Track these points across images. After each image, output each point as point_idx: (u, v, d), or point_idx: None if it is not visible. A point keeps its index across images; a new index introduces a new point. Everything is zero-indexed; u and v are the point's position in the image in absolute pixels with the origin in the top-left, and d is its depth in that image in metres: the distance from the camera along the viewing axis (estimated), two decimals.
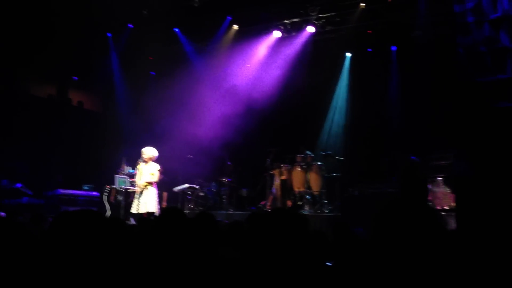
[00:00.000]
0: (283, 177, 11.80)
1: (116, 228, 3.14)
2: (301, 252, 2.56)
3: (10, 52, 12.36)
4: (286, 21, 13.07)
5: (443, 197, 8.58)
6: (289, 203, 11.54)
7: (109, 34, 14.22)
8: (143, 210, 9.71)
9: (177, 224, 3.12)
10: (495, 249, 3.00)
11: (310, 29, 12.73)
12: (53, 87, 14.85)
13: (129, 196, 11.28)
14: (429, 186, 8.85)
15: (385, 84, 12.81)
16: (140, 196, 9.87)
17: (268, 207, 11.67)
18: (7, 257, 2.26)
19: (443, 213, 8.55)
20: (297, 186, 11.64)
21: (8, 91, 12.86)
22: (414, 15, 11.44)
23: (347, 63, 13.68)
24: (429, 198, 8.80)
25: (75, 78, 15.06)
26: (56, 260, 2.45)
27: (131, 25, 13.80)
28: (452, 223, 8.25)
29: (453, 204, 8.44)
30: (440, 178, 8.73)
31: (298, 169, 11.72)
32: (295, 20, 12.96)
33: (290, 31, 13.18)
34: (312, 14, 12.44)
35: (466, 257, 2.66)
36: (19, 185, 11.40)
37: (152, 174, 9.93)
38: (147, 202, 9.80)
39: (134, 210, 9.96)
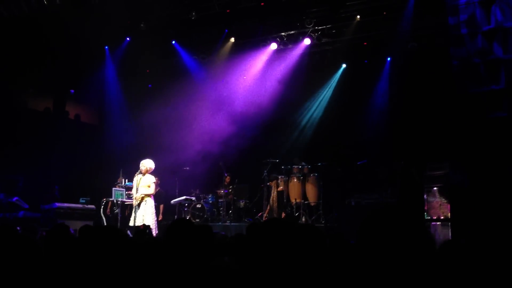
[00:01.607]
0: (280, 189, 11.83)
1: (118, 240, 3.17)
2: (298, 261, 2.58)
3: (7, 65, 12.39)
4: (282, 34, 13.17)
5: (438, 207, 8.61)
6: (283, 214, 11.54)
7: (106, 47, 14.28)
8: (139, 222, 9.68)
9: (185, 236, 3.14)
10: (490, 258, 3.02)
11: (307, 41, 12.82)
12: (50, 100, 14.88)
13: (126, 209, 11.27)
14: (425, 196, 8.88)
15: (381, 95, 12.89)
16: (137, 209, 9.86)
17: (264, 218, 11.67)
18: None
19: (438, 223, 8.58)
20: (294, 197, 11.66)
21: (5, 105, 12.88)
22: (409, 27, 11.55)
23: (341, 74, 13.74)
24: (425, 207, 8.83)
25: (72, 91, 15.09)
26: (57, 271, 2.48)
27: (129, 38, 13.87)
28: (447, 233, 8.28)
29: (448, 214, 8.47)
30: (436, 188, 8.76)
31: (295, 180, 11.75)
32: (292, 32, 13.06)
33: (287, 44, 13.27)
34: (308, 26, 12.55)
35: (458, 267, 2.68)
36: (15, 198, 11.36)
37: (149, 186, 9.92)
38: (143, 215, 9.79)
39: (131, 223, 9.94)
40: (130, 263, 2.87)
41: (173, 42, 14.12)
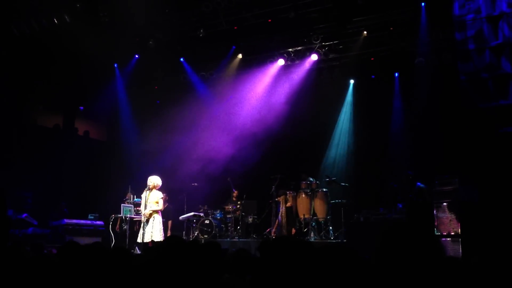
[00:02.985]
0: (289, 204, 11.79)
1: (121, 259, 3.16)
2: (310, 279, 2.57)
3: (17, 82, 12.53)
4: (289, 50, 13.25)
5: (448, 222, 8.53)
6: (293, 230, 11.50)
7: (115, 64, 14.42)
8: (148, 239, 9.68)
9: (178, 253, 3.13)
10: (500, 274, 2.99)
11: (314, 57, 12.88)
12: (59, 117, 15.00)
13: (134, 225, 11.26)
14: (434, 212, 8.80)
15: (388, 110, 12.87)
16: (145, 225, 9.85)
17: (273, 234, 11.62)
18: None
19: (448, 238, 8.49)
20: (303, 212, 11.61)
21: (15, 121, 12.99)
22: (416, 42, 11.59)
23: (350, 90, 13.79)
24: (435, 223, 8.74)
25: (82, 108, 15.21)
26: None
27: (137, 55, 14.01)
28: (457, 249, 8.19)
29: (458, 229, 8.38)
30: (445, 204, 8.69)
31: (303, 195, 11.71)
32: (299, 48, 13.14)
33: (294, 59, 13.34)
34: (315, 42, 12.62)
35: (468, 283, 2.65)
36: (24, 215, 11.41)
37: (157, 202, 9.92)
38: (152, 231, 9.77)
39: (139, 239, 9.93)
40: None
41: (181, 59, 14.24)
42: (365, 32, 12.12)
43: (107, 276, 2.67)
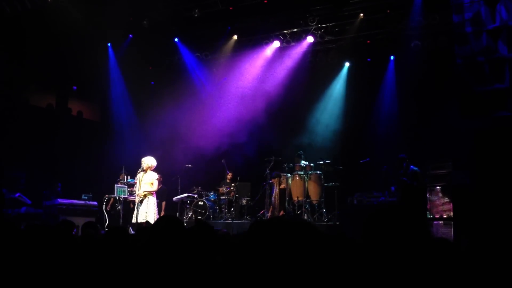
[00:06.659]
0: (282, 186, 11.81)
1: (115, 238, 3.14)
2: (304, 260, 2.55)
3: (8, 61, 12.38)
4: (285, 31, 13.15)
5: (441, 206, 8.59)
6: (281, 212, 11.51)
7: (109, 44, 14.27)
8: (142, 219, 9.68)
9: (173, 233, 3.11)
10: (493, 257, 2.99)
11: (310, 39, 12.80)
12: (52, 96, 14.87)
13: (128, 206, 11.26)
14: (428, 195, 8.85)
15: (383, 93, 12.85)
16: (139, 206, 9.84)
17: (269, 216, 11.65)
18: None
19: (440, 221, 8.56)
20: (296, 195, 11.64)
21: (8, 101, 12.86)
22: (413, 25, 11.51)
23: (344, 72, 13.73)
24: (428, 206, 8.81)
25: (75, 88, 15.08)
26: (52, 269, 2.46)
27: (131, 35, 13.86)
28: (449, 232, 8.27)
29: (451, 213, 8.45)
30: (438, 187, 8.74)
31: (297, 178, 11.73)
32: (295, 30, 13.04)
33: (290, 41, 13.25)
34: (311, 24, 12.52)
35: (460, 265, 2.66)
36: (17, 194, 11.36)
37: (151, 184, 9.90)
38: (146, 212, 9.77)
39: (133, 220, 9.93)
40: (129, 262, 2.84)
41: (176, 39, 14.11)
42: (361, 15, 12.03)
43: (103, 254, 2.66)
